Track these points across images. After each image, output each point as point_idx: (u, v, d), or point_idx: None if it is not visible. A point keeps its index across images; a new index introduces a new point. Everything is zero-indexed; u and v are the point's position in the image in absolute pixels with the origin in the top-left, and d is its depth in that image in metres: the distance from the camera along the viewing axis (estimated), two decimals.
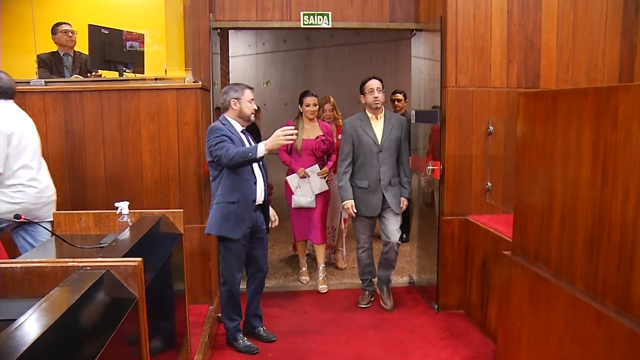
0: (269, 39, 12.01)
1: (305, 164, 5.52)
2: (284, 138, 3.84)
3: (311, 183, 5.51)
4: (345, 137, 4.84)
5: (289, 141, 3.91)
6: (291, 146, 5.48)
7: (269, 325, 4.50)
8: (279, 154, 5.56)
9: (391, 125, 4.80)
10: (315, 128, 5.56)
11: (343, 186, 4.84)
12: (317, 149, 5.48)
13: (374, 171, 4.74)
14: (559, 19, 4.81)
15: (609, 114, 2.56)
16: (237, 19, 5.17)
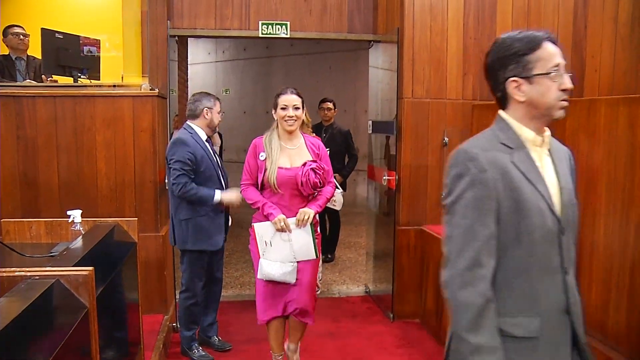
0: (229, 47, 11.97)
1: (286, 207, 3.53)
2: (235, 199, 4.03)
3: (292, 242, 3.51)
4: None
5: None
6: (263, 178, 3.52)
7: (224, 335, 4.47)
8: (243, 190, 3.65)
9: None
10: (300, 148, 3.62)
11: None
12: (304, 183, 3.48)
13: None
14: None
15: (557, 127, 2.63)
16: (196, 26, 5.14)
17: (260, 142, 3.59)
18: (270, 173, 3.46)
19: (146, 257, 4.39)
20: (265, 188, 3.55)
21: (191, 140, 3.94)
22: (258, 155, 3.53)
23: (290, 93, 3.61)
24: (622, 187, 2.22)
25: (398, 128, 4.79)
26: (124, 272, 3.09)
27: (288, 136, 3.58)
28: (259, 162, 3.51)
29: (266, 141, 3.57)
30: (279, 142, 3.57)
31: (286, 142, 3.58)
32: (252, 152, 3.56)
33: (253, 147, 3.57)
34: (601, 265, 2.36)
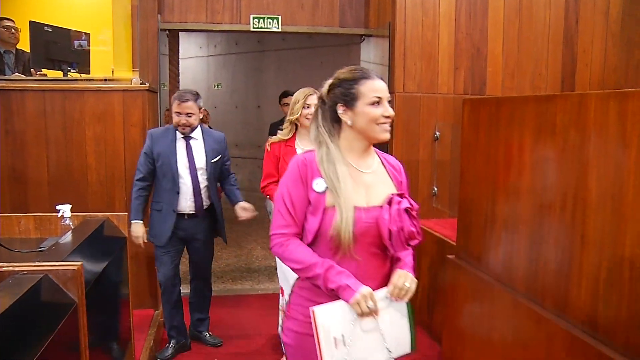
0: (220, 41, 11.91)
1: (360, 275, 2.02)
2: (139, 236, 3.92)
3: (383, 330, 2.04)
4: None
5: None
6: (319, 225, 2.03)
7: (216, 329, 4.46)
8: (278, 245, 2.10)
9: None
10: (377, 173, 2.17)
11: None
12: (395, 235, 2.01)
13: None
14: (504, 28, 4.93)
15: (548, 122, 2.63)
16: (187, 20, 5.12)
17: (312, 160, 2.07)
18: (343, 218, 1.96)
19: (136, 252, 4.37)
20: (316, 242, 2.05)
21: (159, 134, 3.96)
22: (309, 182, 2.04)
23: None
24: (612, 181, 2.22)
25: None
26: (113, 267, 3.07)
27: (359, 152, 2.11)
28: (313, 195, 2.02)
29: (324, 161, 2.05)
30: (346, 161, 2.08)
31: (356, 160, 2.10)
32: (296, 176, 2.06)
33: (297, 168, 2.07)
34: (591, 260, 2.36)
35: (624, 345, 2.17)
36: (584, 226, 2.39)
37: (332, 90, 2.11)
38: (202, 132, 4.03)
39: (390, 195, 2.06)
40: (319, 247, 2.04)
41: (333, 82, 2.13)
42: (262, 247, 7.17)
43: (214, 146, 4.03)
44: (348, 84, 2.07)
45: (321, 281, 1.98)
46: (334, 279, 1.96)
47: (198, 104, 3.95)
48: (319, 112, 2.15)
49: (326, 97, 2.14)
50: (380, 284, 2.05)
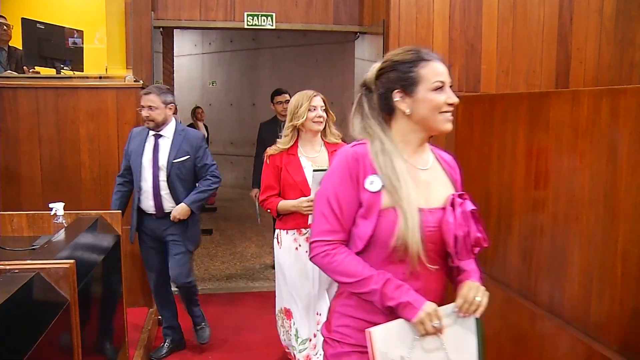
0: (215, 39, 11.90)
1: (420, 288, 1.74)
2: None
3: (448, 350, 1.74)
4: None
5: None
6: (372, 230, 1.73)
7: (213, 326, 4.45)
8: (325, 254, 1.78)
9: None
10: (434, 169, 1.87)
11: None
12: (461, 241, 1.73)
13: None
14: (499, 26, 4.92)
15: (541, 119, 2.64)
16: (180, 18, 5.10)
17: (364, 155, 1.78)
18: (409, 223, 1.67)
19: (131, 250, 4.36)
20: (367, 250, 1.76)
21: (137, 132, 3.92)
22: (361, 180, 1.74)
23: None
24: (605, 178, 2.22)
25: None
26: (107, 265, 3.07)
27: (414, 146, 1.82)
28: (366, 195, 1.73)
29: (379, 155, 1.76)
30: (402, 156, 1.79)
31: (412, 156, 1.82)
32: (345, 173, 1.76)
33: (346, 164, 1.77)
34: (584, 256, 2.36)
35: (616, 342, 2.18)
36: (577, 222, 2.40)
37: (385, 75, 1.80)
38: (175, 131, 3.87)
39: (452, 196, 1.79)
40: (371, 256, 1.75)
41: (385, 65, 1.81)
42: (256, 245, 7.16)
43: (184, 146, 3.85)
44: (406, 66, 1.76)
45: (377, 297, 1.70)
46: (392, 294, 1.68)
47: (163, 99, 3.78)
48: (363, 101, 1.86)
49: (374, 83, 1.84)
50: (439, 298, 1.79)
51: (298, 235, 3.31)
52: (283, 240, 3.37)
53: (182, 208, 3.82)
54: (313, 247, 1.80)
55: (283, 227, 3.36)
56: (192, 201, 3.85)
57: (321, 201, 1.80)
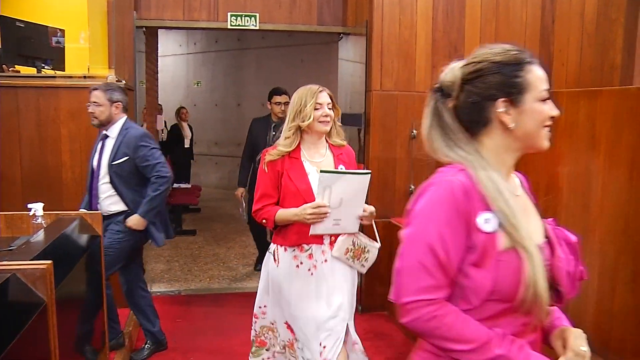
0: (200, 39, 11.87)
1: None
2: None
3: None
4: None
5: None
6: (490, 281, 1.37)
7: (193, 328, 4.44)
8: (428, 316, 1.38)
9: None
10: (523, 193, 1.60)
11: None
12: (569, 278, 1.52)
13: None
14: (481, 27, 4.96)
15: None
16: (164, 17, 5.08)
17: (471, 186, 1.40)
18: (536, 267, 1.36)
19: None
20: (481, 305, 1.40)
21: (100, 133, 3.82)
22: (473, 219, 1.39)
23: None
24: (582, 178, 2.24)
25: (366, 121, 4.80)
26: (87, 266, 3.04)
27: (507, 168, 1.50)
28: (480, 237, 1.38)
29: (489, 185, 1.41)
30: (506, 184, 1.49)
31: (507, 181, 1.50)
32: (453, 212, 1.38)
33: (453, 199, 1.38)
34: None
35: (594, 342, 2.19)
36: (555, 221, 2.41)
37: (481, 79, 1.44)
38: (120, 131, 3.72)
39: (550, 226, 1.55)
40: (482, 310, 1.39)
41: (481, 66, 1.45)
42: (240, 245, 7.15)
43: (122, 147, 3.69)
44: (511, 69, 1.43)
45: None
46: (519, 358, 1.36)
47: (109, 96, 3.67)
48: (441, 110, 1.50)
49: (459, 88, 1.48)
50: (535, 347, 1.46)
51: (299, 253, 2.84)
52: (281, 259, 2.89)
53: (136, 219, 3.68)
54: (410, 309, 1.39)
55: (283, 242, 2.88)
56: (145, 212, 3.68)
57: (419, 247, 1.39)
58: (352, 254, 2.88)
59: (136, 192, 3.74)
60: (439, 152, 1.49)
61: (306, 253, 2.84)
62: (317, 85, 2.88)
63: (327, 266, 2.84)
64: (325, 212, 2.65)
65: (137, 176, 3.74)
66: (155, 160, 3.72)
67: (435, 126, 1.50)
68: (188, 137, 9.73)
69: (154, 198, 3.70)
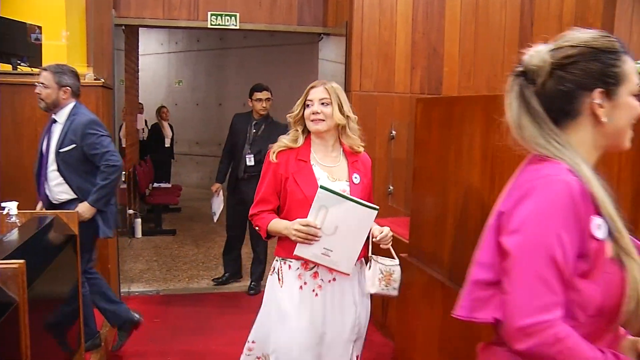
0: (181, 38, 11.81)
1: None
2: None
3: None
4: None
5: None
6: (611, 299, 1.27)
7: (171, 328, 4.41)
8: (540, 344, 1.22)
9: None
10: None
11: None
12: None
13: None
14: (461, 29, 4.99)
15: (496, 121, 2.67)
16: (143, 16, 5.06)
17: (584, 188, 1.26)
18: (637, 275, 1.26)
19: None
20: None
21: None
22: (587, 224, 1.26)
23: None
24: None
25: None
26: (62, 266, 3.01)
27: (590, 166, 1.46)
28: (592, 245, 1.25)
29: (593, 184, 1.27)
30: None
31: None
32: (570, 215, 1.23)
33: (571, 202, 1.23)
34: None
35: None
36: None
37: (577, 65, 1.30)
38: (68, 117, 3.59)
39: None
40: (585, 327, 1.25)
41: (578, 50, 1.31)
42: (220, 245, 7.07)
43: (69, 134, 3.56)
44: (610, 57, 1.29)
45: None
46: None
47: (58, 79, 3.56)
48: (528, 96, 1.35)
49: (550, 73, 1.33)
50: None
51: (303, 270, 2.50)
52: (285, 277, 2.53)
53: (85, 206, 3.56)
54: (531, 333, 1.20)
55: (286, 254, 2.51)
56: (94, 200, 3.57)
57: (536, 258, 1.21)
58: (384, 283, 2.59)
59: (85, 180, 3.62)
60: (531, 143, 1.35)
61: (311, 271, 2.49)
62: (323, 80, 2.59)
63: (336, 286, 2.51)
64: (314, 235, 2.32)
65: (86, 164, 3.61)
66: (105, 149, 3.59)
67: (524, 113, 1.37)
68: (169, 137, 9.69)
69: (103, 187, 3.58)
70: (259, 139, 5.15)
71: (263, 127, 5.20)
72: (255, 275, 5.46)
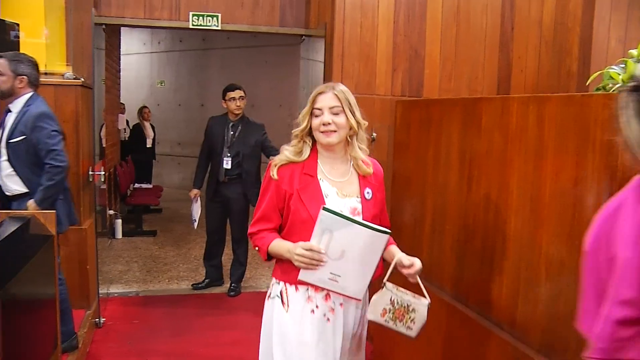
0: (164, 38, 11.75)
1: None
2: None
3: None
4: None
5: None
6: None
7: (150, 329, 4.39)
8: None
9: None
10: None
11: None
12: None
13: None
14: (442, 31, 5.01)
15: (474, 124, 2.69)
16: (124, 15, 5.02)
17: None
18: None
19: (67, 251, 4.27)
20: None
21: None
22: None
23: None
24: (531, 182, 2.28)
25: None
26: (38, 267, 2.99)
27: None
28: None
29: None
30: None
31: None
32: None
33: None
34: (511, 260, 2.42)
35: (540, 343, 2.24)
36: (505, 226, 2.45)
37: None
38: (22, 107, 3.51)
39: None
40: None
41: None
42: (201, 246, 7.03)
43: (20, 125, 3.48)
44: None
45: None
46: None
47: (14, 67, 3.48)
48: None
49: None
50: None
51: (314, 293, 2.20)
52: (291, 301, 2.22)
53: (32, 205, 3.46)
54: None
55: (289, 279, 2.22)
56: (40, 200, 3.45)
57: None
58: (391, 315, 2.25)
59: (33, 172, 3.53)
60: None
61: (322, 293, 2.19)
62: (331, 84, 2.26)
63: (344, 311, 2.25)
64: (319, 260, 2.05)
65: (36, 156, 3.50)
66: (52, 147, 3.47)
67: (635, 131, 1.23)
68: (150, 137, 9.64)
69: (48, 187, 3.47)
70: (237, 141, 5.14)
71: (240, 128, 5.21)
72: (235, 277, 5.45)
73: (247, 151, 5.16)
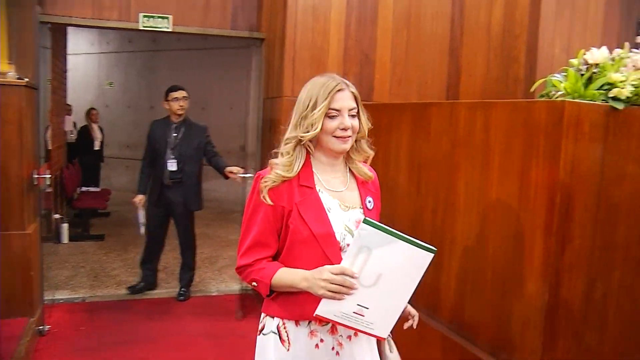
0: (113, 39, 11.55)
1: None
2: None
3: None
4: None
5: None
6: None
7: (96, 336, 4.29)
8: None
9: None
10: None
11: None
12: None
13: None
14: (393, 36, 5.06)
15: (423, 129, 2.73)
16: (71, 14, 4.90)
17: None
18: None
19: (9, 257, 4.13)
20: None
21: None
22: None
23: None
24: (477, 186, 2.32)
25: (274, 127, 4.80)
26: None
27: None
28: None
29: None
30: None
31: None
32: None
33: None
34: (459, 263, 2.46)
35: (487, 343, 2.27)
36: (453, 230, 2.49)
37: None
38: None
39: None
40: None
41: None
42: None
43: None
44: None
45: None
46: None
47: None
48: None
49: None
50: None
51: (318, 327, 1.88)
52: (292, 338, 1.90)
53: None
54: None
55: (289, 315, 1.91)
56: None
57: None
58: None
59: None
60: None
61: (327, 326, 1.88)
62: (339, 78, 1.94)
63: (355, 346, 1.91)
64: (350, 287, 1.68)
65: None
66: None
67: None
68: (98, 139, 9.45)
69: None
70: (181, 143, 5.07)
71: (183, 129, 5.14)
72: (184, 281, 5.38)
73: (190, 153, 5.10)
